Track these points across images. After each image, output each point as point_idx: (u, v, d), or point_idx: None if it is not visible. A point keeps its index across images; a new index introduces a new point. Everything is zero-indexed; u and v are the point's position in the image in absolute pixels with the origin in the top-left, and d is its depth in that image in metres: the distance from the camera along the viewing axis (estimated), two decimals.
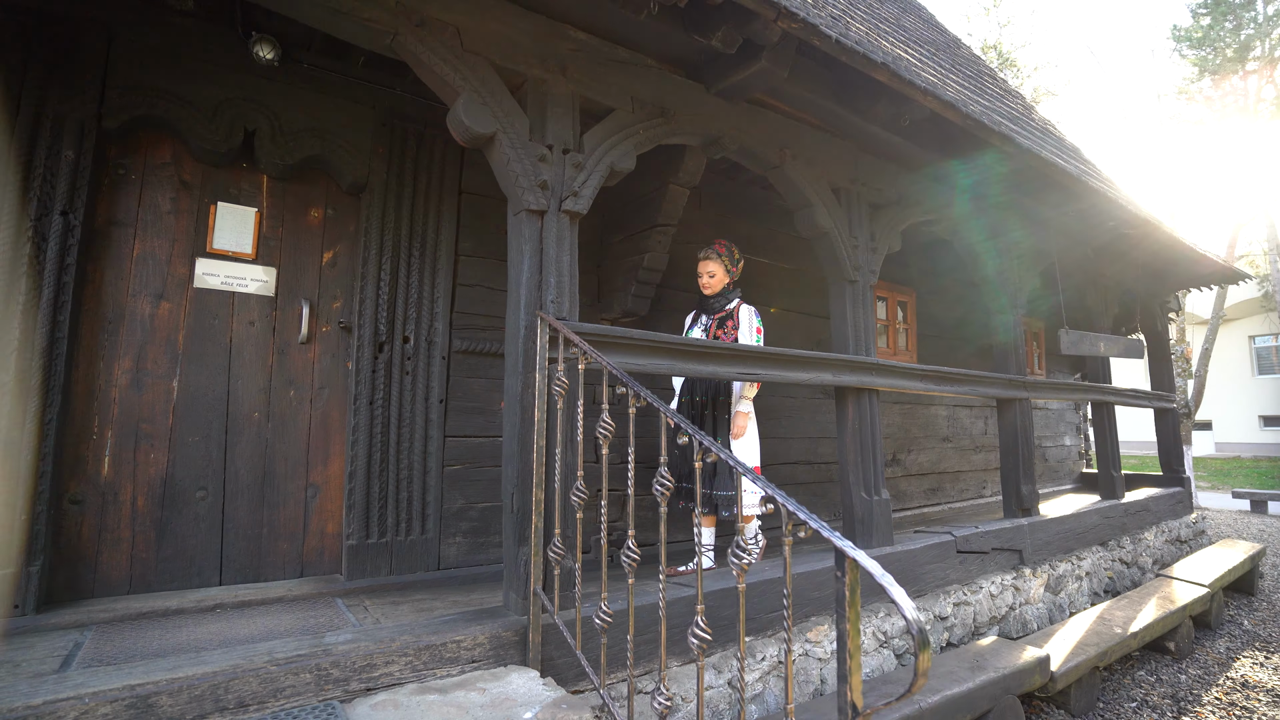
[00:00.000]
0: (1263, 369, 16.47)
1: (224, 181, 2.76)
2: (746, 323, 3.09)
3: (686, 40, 2.67)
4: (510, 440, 2.28)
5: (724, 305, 3.12)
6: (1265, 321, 15.65)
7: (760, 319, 3.14)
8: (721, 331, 3.10)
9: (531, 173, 2.32)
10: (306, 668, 1.78)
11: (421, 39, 2.18)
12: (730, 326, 3.10)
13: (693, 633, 1.50)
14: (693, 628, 1.51)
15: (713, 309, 3.15)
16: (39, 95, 2.32)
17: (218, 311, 2.71)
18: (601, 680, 1.82)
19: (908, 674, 2.89)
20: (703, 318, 3.18)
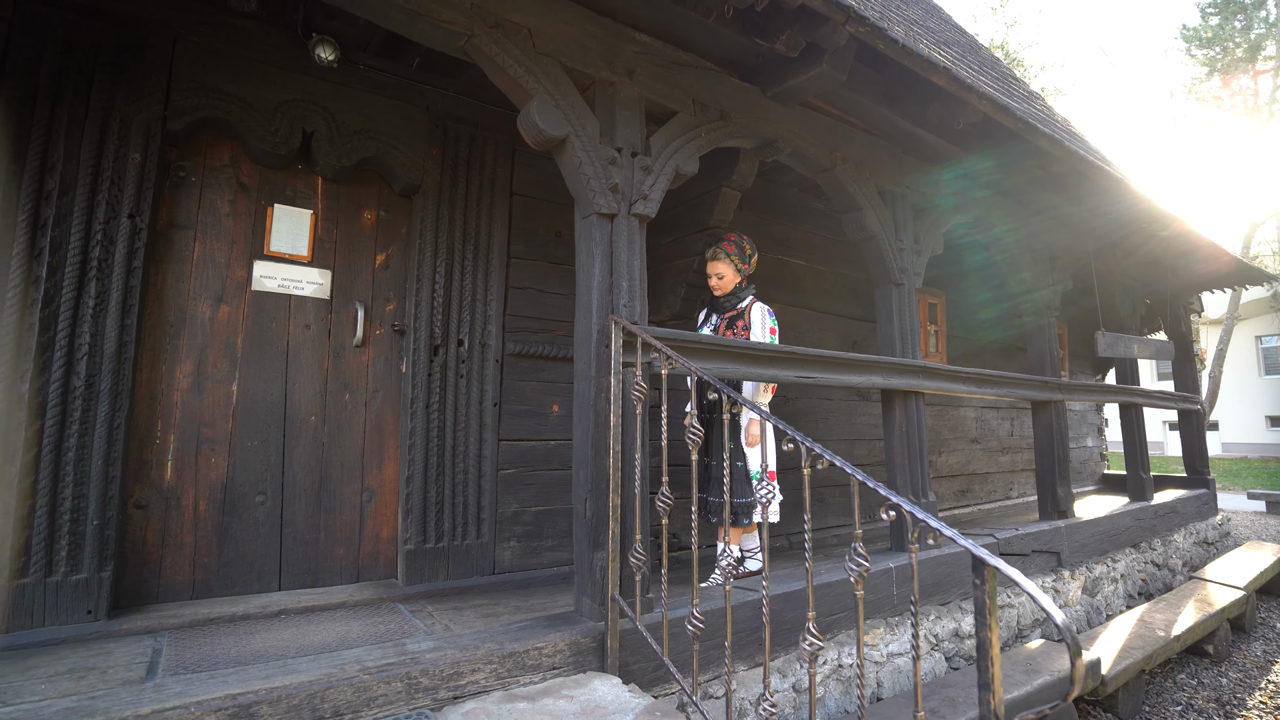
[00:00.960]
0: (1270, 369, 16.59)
1: (280, 183, 2.76)
2: (759, 323, 2.94)
3: (746, 44, 2.68)
4: (583, 445, 2.28)
5: (735, 304, 2.99)
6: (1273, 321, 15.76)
7: (774, 318, 2.98)
8: (731, 332, 2.97)
9: (602, 176, 2.33)
10: (397, 676, 1.79)
11: (496, 41, 2.18)
12: (740, 326, 2.95)
13: (805, 637, 1.51)
14: (805, 633, 1.52)
15: (723, 308, 3.01)
16: (107, 98, 2.32)
17: (275, 314, 2.71)
18: (694, 686, 1.83)
19: (962, 679, 2.91)
20: (713, 317, 3.06)
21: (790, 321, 4.24)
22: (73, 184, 2.26)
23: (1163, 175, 27.21)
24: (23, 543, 2.12)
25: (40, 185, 2.21)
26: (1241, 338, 16.45)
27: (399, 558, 2.81)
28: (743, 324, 2.95)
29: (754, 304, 2.99)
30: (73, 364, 2.22)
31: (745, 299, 3.00)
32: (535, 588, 2.87)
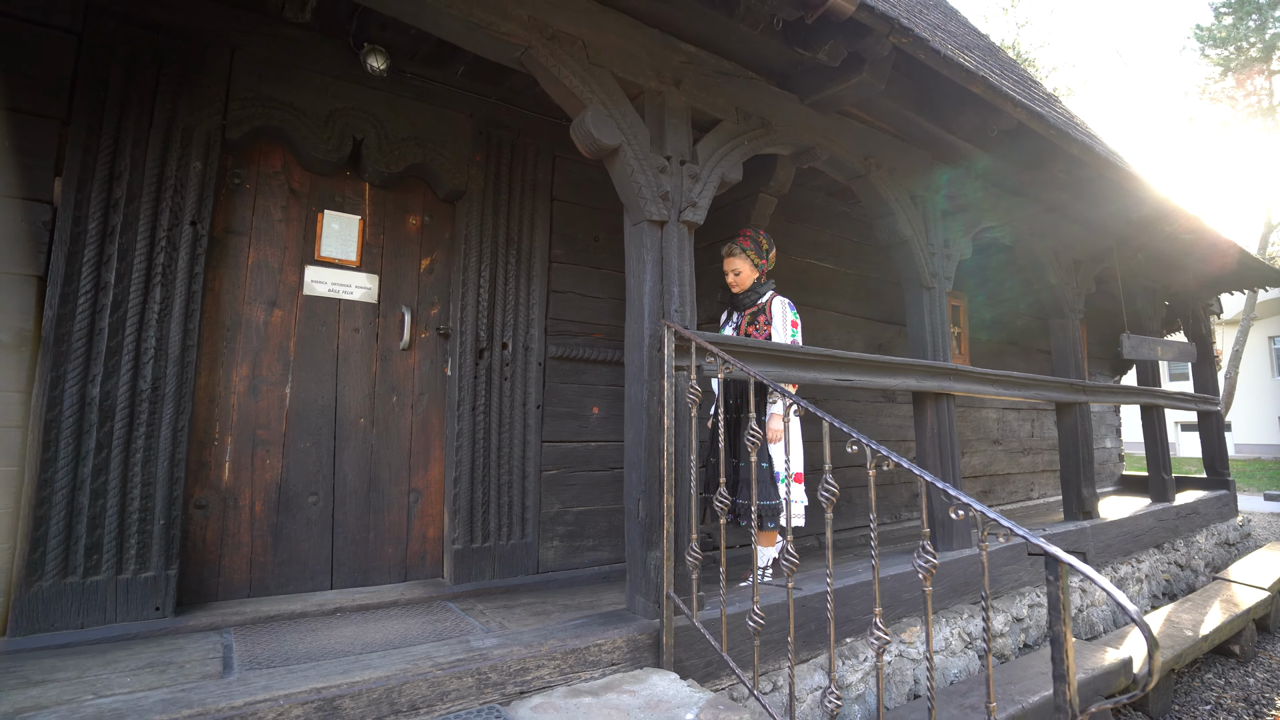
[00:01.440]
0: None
1: (330, 190, 2.83)
2: (780, 316, 2.92)
3: (787, 53, 2.74)
4: (635, 446, 2.35)
5: (755, 300, 2.98)
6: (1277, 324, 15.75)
7: (796, 311, 2.97)
8: (753, 328, 2.95)
9: (653, 184, 2.39)
10: (468, 672, 1.86)
11: (552, 52, 2.25)
12: (762, 322, 2.95)
13: (873, 632, 1.58)
14: (873, 628, 1.58)
15: (743, 304, 3.01)
16: (170, 109, 2.39)
17: (325, 318, 2.78)
18: (755, 681, 1.89)
19: (999, 675, 2.97)
20: (734, 315, 3.07)
21: (818, 324, 4.30)
22: (138, 192, 2.33)
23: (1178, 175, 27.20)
24: (95, 541, 2.19)
25: (109, 193, 2.29)
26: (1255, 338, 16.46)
27: (446, 557, 2.88)
28: (764, 319, 2.94)
29: (774, 298, 2.98)
30: (139, 368, 2.30)
31: (765, 294, 2.99)
32: (578, 586, 2.94)
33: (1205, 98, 13.51)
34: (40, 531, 2.12)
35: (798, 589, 2.66)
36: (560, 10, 2.28)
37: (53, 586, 2.12)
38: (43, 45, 2.23)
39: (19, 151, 2.17)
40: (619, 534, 3.24)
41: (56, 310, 2.19)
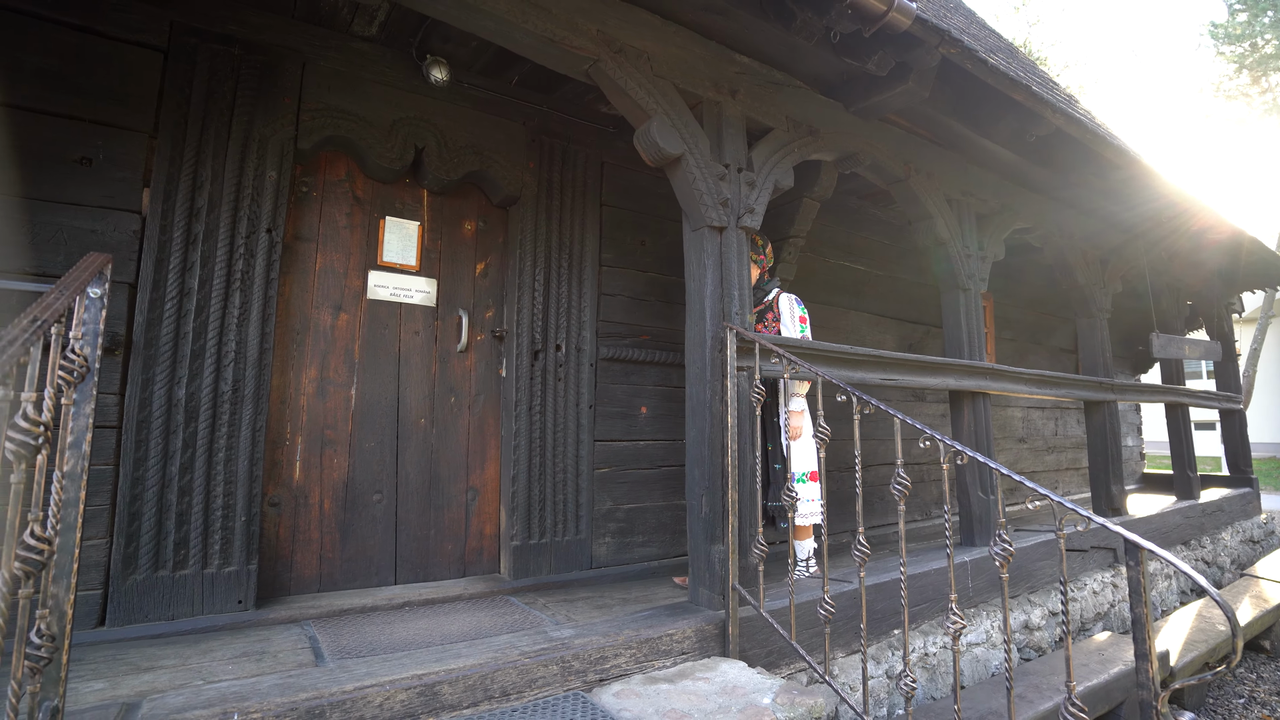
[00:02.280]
0: None
1: (390, 197, 2.95)
2: (788, 312, 2.93)
3: (835, 63, 2.84)
4: (698, 445, 2.46)
5: (761, 297, 2.99)
6: None
7: (803, 306, 3.00)
8: (761, 325, 2.96)
9: (714, 191, 2.50)
10: (553, 660, 1.97)
11: (620, 65, 2.36)
12: (770, 319, 2.95)
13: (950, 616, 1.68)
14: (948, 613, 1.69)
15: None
16: (247, 120, 2.50)
17: (387, 322, 2.89)
18: (826, 667, 2.00)
19: (1040, 667, 3.07)
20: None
21: (850, 324, 4.41)
22: (218, 201, 2.45)
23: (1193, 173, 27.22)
24: (183, 537, 2.30)
25: (191, 203, 2.40)
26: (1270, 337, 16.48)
27: (503, 553, 2.99)
28: (772, 315, 2.95)
29: (780, 294, 2.99)
30: (220, 370, 2.41)
31: (771, 291, 3.00)
32: (630, 581, 3.04)
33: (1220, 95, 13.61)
34: (134, 527, 2.23)
35: (847, 581, 2.77)
36: (627, 25, 2.39)
37: (146, 580, 2.23)
38: (133, 63, 2.34)
39: (112, 164, 2.29)
40: (667, 530, 3.35)
41: (146, 315, 2.30)
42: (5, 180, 2.13)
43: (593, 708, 1.87)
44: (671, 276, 3.49)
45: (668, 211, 3.57)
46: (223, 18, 2.50)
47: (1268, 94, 12.90)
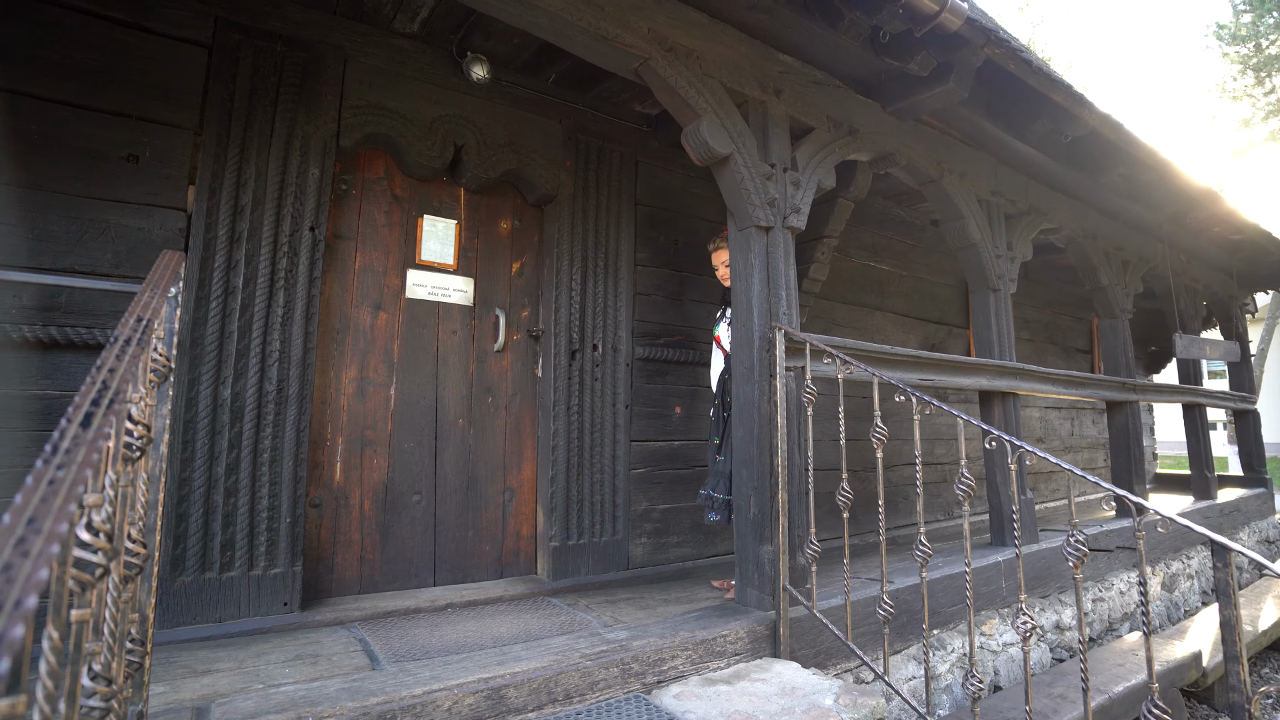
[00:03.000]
0: None
1: (428, 195, 2.94)
2: None
3: (875, 63, 2.86)
4: (747, 445, 2.46)
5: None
6: None
7: None
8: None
9: (761, 191, 2.51)
10: (613, 662, 1.97)
11: (670, 64, 2.36)
12: None
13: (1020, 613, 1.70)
14: (1019, 611, 1.70)
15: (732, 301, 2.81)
16: (290, 117, 2.49)
17: (425, 321, 2.89)
18: (885, 668, 2.01)
19: (1075, 667, 3.09)
20: (727, 310, 2.95)
21: (876, 325, 4.43)
22: (262, 199, 2.44)
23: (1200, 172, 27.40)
24: (229, 538, 2.30)
25: (236, 200, 2.39)
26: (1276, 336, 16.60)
27: (540, 554, 2.99)
28: None
29: None
30: (265, 370, 2.40)
31: None
32: (667, 581, 3.05)
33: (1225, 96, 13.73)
34: (181, 529, 2.22)
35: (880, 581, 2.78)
36: (676, 23, 2.39)
37: (193, 582, 2.22)
38: (179, 59, 2.33)
39: (158, 161, 2.28)
40: (701, 530, 3.36)
41: (191, 314, 2.29)
42: (56, 177, 2.12)
43: (656, 710, 1.87)
44: (704, 276, 3.49)
45: (700, 210, 3.58)
46: (266, 13, 2.49)
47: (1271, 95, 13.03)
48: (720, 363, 2.95)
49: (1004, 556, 3.31)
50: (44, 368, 2.07)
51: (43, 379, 2.07)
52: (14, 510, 0.58)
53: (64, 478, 0.66)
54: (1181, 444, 16.96)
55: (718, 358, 2.96)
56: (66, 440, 0.73)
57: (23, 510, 0.59)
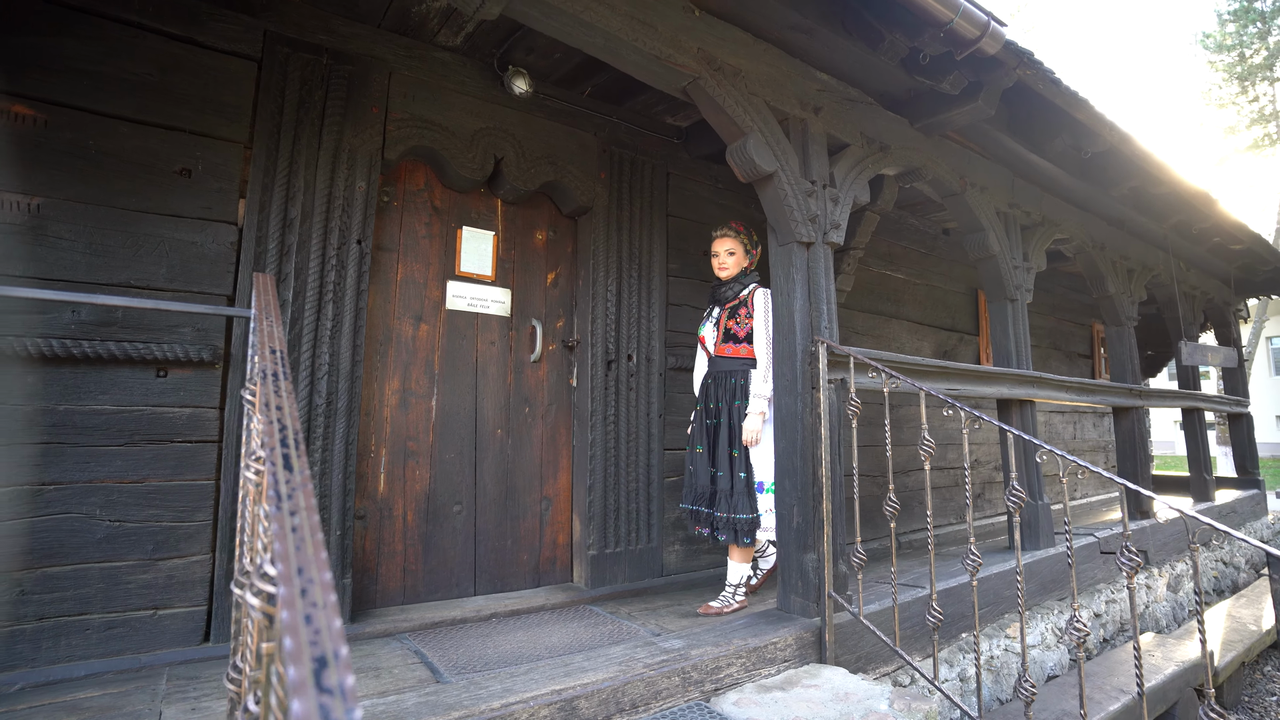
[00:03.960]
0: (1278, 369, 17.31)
1: (466, 206, 2.98)
2: (762, 307, 2.75)
3: (907, 81, 2.94)
4: (788, 455, 2.54)
5: (737, 292, 2.84)
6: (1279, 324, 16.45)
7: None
8: (733, 322, 2.80)
9: (803, 207, 2.58)
10: (675, 671, 2.03)
11: (719, 82, 2.43)
12: (743, 315, 2.79)
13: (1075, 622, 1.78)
14: (1073, 623, 1.79)
15: (724, 298, 2.86)
16: (337, 131, 2.52)
17: (465, 332, 2.93)
18: (935, 671, 2.09)
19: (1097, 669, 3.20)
20: (714, 310, 2.91)
21: (892, 333, 4.53)
22: (310, 212, 2.46)
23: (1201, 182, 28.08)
24: None
25: (285, 214, 2.42)
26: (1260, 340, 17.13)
27: (577, 562, 3.05)
28: (745, 312, 2.80)
29: (756, 289, 2.82)
30: (315, 383, 2.43)
31: (748, 285, 2.85)
32: (701, 588, 3.11)
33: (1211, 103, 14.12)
34: (235, 542, 2.24)
35: (920, 588, 2.87)
36: (723, 43, 2.46)
37: None
38: (230, 73, 2.35)
39: (210, 175, 2.29)
40: None
41: (244, 326, 2.31)
42: (113, 192, 2.13)
43: (720, 718, 1.94)
44: None
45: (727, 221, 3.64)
46: (313, 27, 2.52)
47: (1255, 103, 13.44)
48: (704, 365, 2.90)
49: (1028, 560, 3.42)
50: (101, 383, 2.08)
51: (100, 394, 2.08)
52: (283, 565, 0.63)
53: (302, 524, 0.71)
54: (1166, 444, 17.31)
55: (701, 360, 2.92)
56: (282, 485, 0.78)
57: (289, 561, 0.64)
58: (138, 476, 2.12)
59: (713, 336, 2.88)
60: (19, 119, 2.02)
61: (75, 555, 2.01)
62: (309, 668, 0.51)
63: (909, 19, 2.39)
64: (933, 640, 2.12)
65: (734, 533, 2.63)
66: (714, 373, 2.84)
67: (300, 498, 0.75)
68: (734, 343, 2.80)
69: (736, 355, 2.79)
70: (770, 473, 2.67)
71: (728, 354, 2.81)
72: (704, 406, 2.84)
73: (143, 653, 2.07)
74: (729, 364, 2.80)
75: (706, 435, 2.79)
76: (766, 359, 2.70)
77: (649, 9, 2.25)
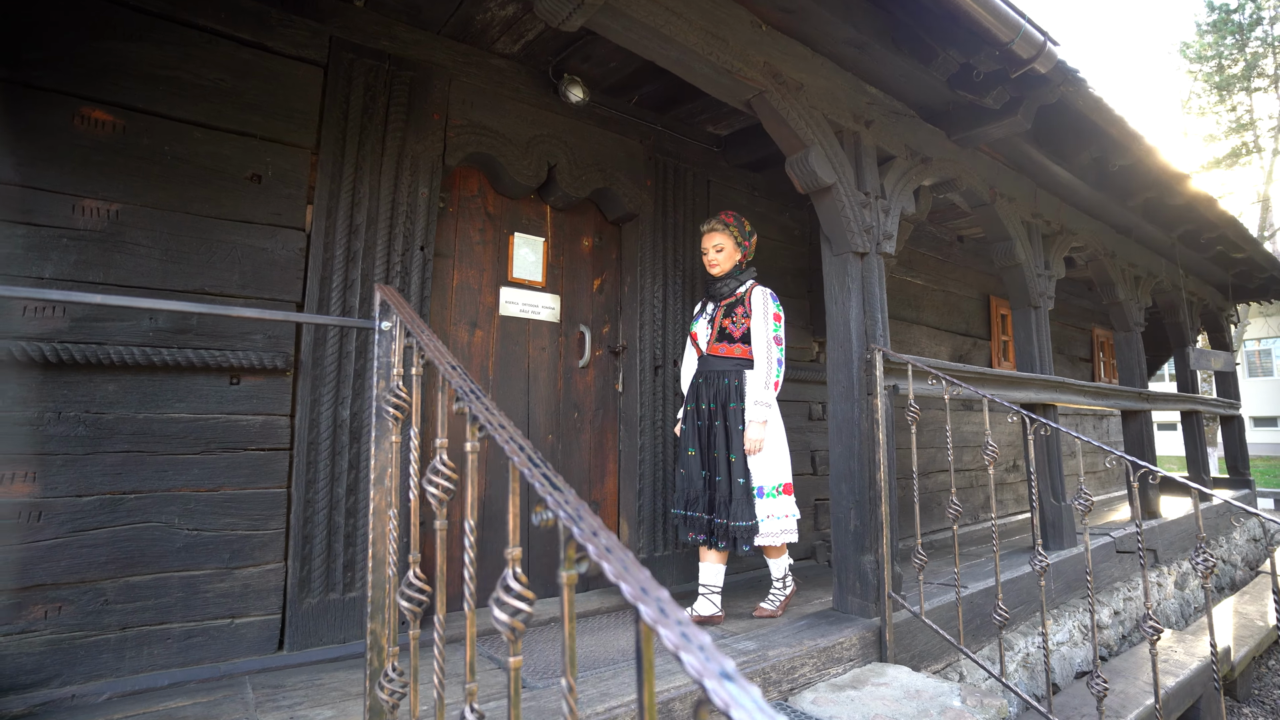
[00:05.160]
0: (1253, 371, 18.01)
1: (518, 213, 3.02)
2: (760, 308, 2.67)
3: (947, 94, 3.06)
4: (845, 460, 2.63)
5: (734, 290, 2.74)
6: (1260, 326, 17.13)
7: (779, 303, 2.72)
8: (729, 321, 2.72)
9: (858, 218, 2.68)
10: (757, 672, 2.11)
11: (784, 95, 2.51)
12: (740, 315, 2.71)
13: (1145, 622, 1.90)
14: (1147, 628, 1.90)
15: (720, 295, 2.77)
16: (400, 137, 2.55)
17: (517, 338, 2.97)
18: (1002, 669, 2.20)
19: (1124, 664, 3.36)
20: (709, 307, 2.82)
21: (911, 337, 4.66)
22: (375, 218, 2.49)
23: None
24: (350, 559, 2.34)
25: (350, 220, 2.44)
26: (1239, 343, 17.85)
27: None
28: (743, 311, 2.71)
29: (754, 288, 2.74)
30: None
31: (745, 283, 2.76)
32: (745, 590, 3.19)
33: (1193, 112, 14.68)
34: (306, 550, 2.26)
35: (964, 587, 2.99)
36: (787, 57, 2.54)
37: (319, 603, 2.27)
38: (299, 79, 2.37)
39: (280, 181, 2.31)
40: None
41: (312, 334, 2.33)
42: (188, 198, 2.14)
43: (804, 717, 2.02)
44: None
45: (763, 230, 3.74)
46: (376, 33, 2.54)
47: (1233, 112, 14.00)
48: (693, 363, 2.82)
49: (1055, 559, 3.56)
50: (178, 390, 2.09)
51: (177, 402, 2.09)
52: (630, 585, 0.69)
53: (609, 542, 0.76)
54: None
55: (691, 357, 2.85)
56: (568, 507, 0.83)
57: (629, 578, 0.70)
58: (214, 485, 2.13)
59: (706, 334, 2.77)
60: (98, 124, 2.02)
61: (156, 564, 2.01)
62: (678, 630, 0.57)
63: (967, 38, 2.50)
64: (999, 638, 2.22)
65: (733, 540, 2.55)
66: (705, 372, 2.75)
67: (588, 516, 0.80)
68: (729, 342, 2.71)
69: (731, 355, 2.70)
70: (769, 477, 2.61)
71: (721, 353, 2.72)
72: (694, 407, 2.75)
73: (221, 661, 2.09)
74: (722, 364, 2.71)
75: (698, 437, 2.70)
76: (767, 363, 2.61)
77: (721, 24, 2.33)
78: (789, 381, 3.76)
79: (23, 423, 1.85)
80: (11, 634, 1.81)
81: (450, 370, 1.15)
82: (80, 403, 1.94)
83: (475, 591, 1.08)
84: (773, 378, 2.62)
